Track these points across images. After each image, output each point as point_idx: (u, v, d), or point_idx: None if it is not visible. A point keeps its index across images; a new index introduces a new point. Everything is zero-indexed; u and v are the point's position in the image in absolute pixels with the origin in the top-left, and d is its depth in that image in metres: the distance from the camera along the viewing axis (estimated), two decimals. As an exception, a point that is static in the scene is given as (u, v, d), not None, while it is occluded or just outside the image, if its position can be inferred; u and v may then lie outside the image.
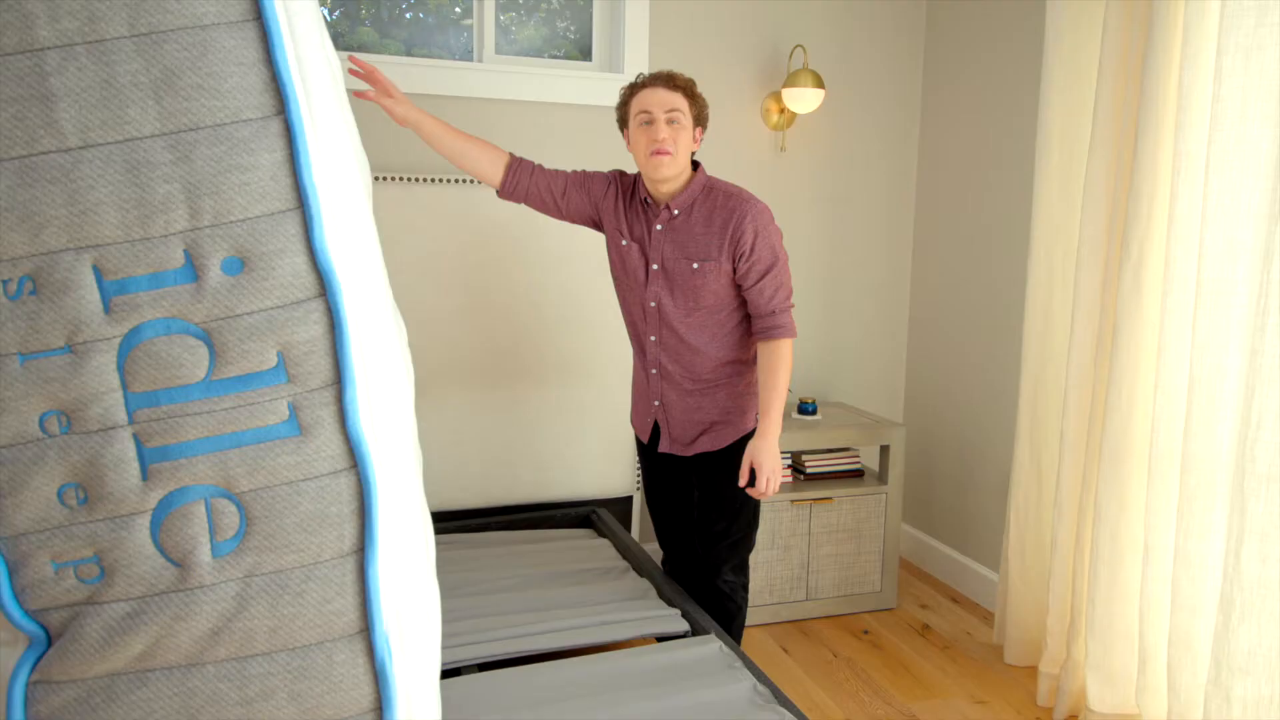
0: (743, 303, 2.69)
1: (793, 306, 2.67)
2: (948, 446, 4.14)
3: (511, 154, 2.76)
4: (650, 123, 2.57)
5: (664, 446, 2.86)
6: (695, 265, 2.63)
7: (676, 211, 2.64)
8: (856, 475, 3.86)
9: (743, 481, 2.64)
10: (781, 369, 2.63)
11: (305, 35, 1.40)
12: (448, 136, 2.67)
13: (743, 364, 2.76)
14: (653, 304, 2.71)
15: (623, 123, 2.69)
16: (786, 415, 3.93)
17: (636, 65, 3.73)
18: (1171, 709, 2.67)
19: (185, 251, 1.40)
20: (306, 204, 1.41)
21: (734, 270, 2.62)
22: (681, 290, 2.66)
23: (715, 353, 2.71)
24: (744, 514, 2.83)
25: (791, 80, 3.79)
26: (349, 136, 1.46)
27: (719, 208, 2.62)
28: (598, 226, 2.82)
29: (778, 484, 2.63)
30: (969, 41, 3.93)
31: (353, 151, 1.46)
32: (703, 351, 2.71)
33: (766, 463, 2.61)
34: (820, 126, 4.08)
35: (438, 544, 3.27)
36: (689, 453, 2.82)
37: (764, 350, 2.66)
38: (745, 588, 2.93)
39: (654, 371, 2.81)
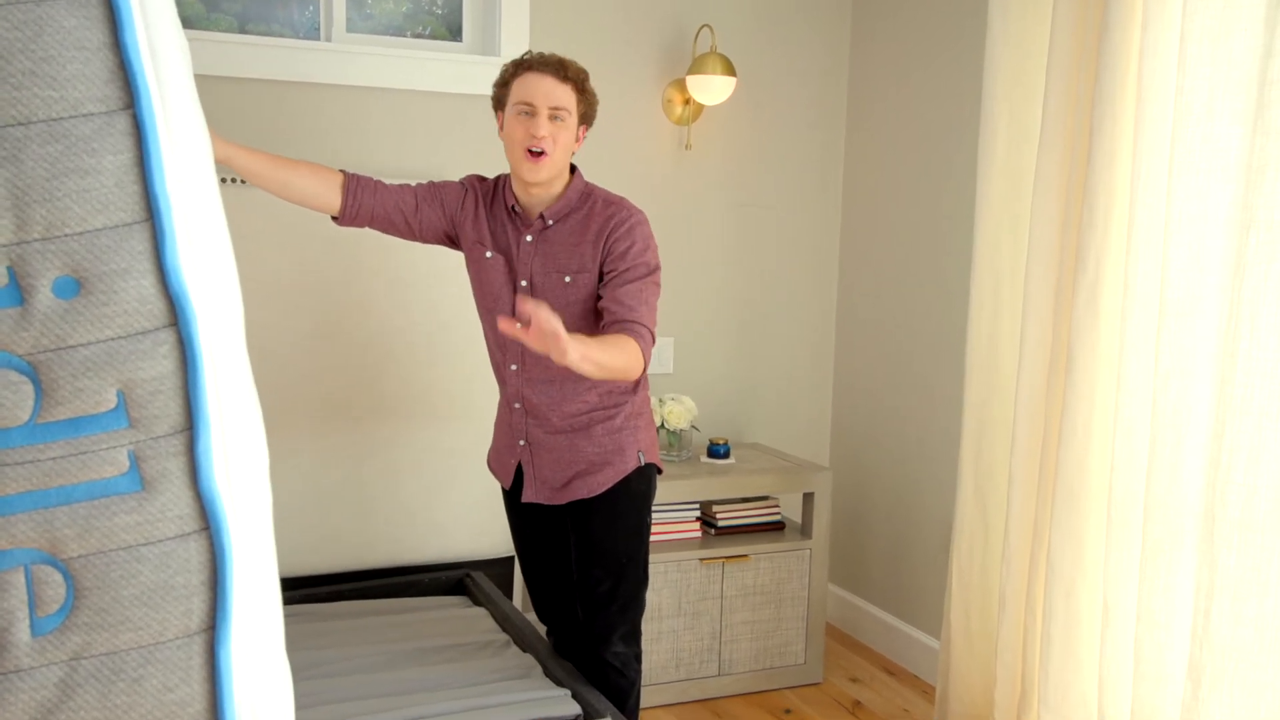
0: None
1: (653, 341, 2.62)
2: (881, 493, 4.23)
3: (344, 172, 2.75)
4: (531, 115, 2.60)
5: (529, 495, 2.87)
6: (568, 279, 2.67)
7: (551, 221, 2.69)
8: (776, 528, 3.93)
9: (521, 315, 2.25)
10: (624, 353, 2.47)
11: (158, 16, 1.40)
12: (262, 166, 2.63)
13: (621, 394, 2.79)
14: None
15: (498, 104, 2.71)
16: (694, 459, 3.99)
17: (515, 47, 3.76)
18: (1137, 791, 2.76)
19: (9, 269, 1.38)
20: (157, 216, 1.41)
21: (600, 276, 2.66)
22: (551, 309, 2.68)
23: (589, 383, 2.74)
24: (631, 570, 2.86)
25: (697, 66, 3.86)
26: (203, 137, 1.46)
27: (595, 215, 2.68)
28: (454, 244, 2.85)
29: (555, 343, 2.26)
30: (902, 22, 4.05)
31: (208, 154, 1.47)
32: (573, 382, 2.74)
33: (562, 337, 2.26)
34: (731, 120, 4.17)
35: (284, 616, 3.23)
36: (561, 500, 2.84)
37: (612, 337, 2.52)
38: (638, 659, 2.94)
39: (518, 406, 2.83)
